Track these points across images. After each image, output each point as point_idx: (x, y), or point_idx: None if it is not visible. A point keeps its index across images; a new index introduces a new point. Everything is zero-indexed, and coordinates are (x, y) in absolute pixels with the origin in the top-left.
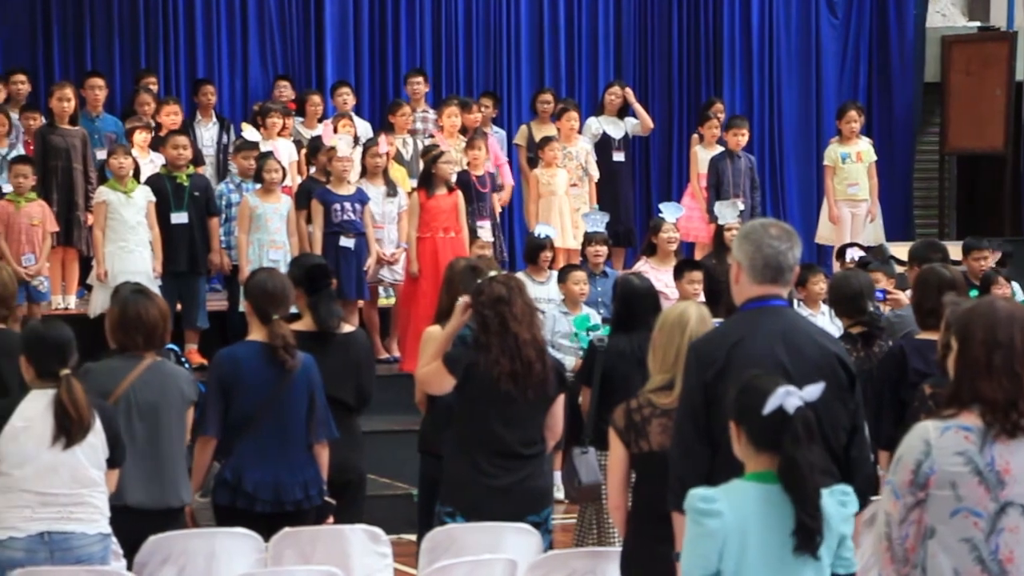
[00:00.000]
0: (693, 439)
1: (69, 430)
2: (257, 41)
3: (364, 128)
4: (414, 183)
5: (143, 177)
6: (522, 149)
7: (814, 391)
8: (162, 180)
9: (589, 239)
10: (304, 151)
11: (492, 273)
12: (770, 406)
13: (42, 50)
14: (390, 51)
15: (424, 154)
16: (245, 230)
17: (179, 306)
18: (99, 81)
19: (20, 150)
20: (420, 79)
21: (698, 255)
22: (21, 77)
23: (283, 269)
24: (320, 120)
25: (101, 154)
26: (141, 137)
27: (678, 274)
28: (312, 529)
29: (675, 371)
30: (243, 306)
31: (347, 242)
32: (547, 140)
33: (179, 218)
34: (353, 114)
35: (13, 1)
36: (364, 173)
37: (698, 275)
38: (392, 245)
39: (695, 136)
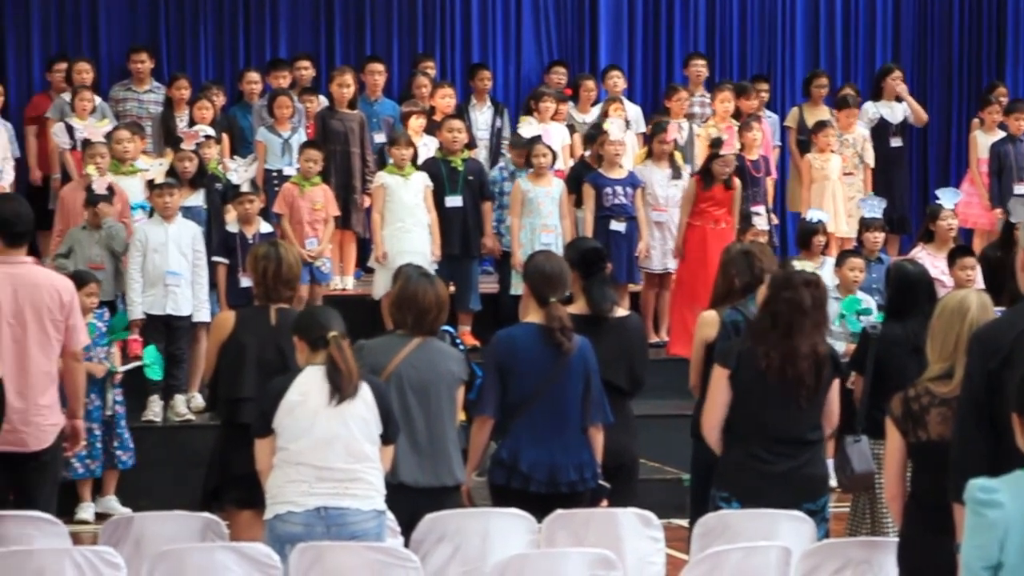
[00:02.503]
0: (974, 429)
1: (340, 386)
2: (531, 26)
3: (635, 112)
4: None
5: (418, 161)
6: (792, 131)
7: None
8: (437, 164)
9: (867, 225)
10: (576, 135)
11: (804, 267)
12: None
13: (324, 36)
14: (664, 35)
15: (710, 147)
16: (517, 214)
17: (452, 288)
18: (379, 66)
19: (302, 134)
20: (702, 62)
21: (976, 242)
22: (305, 63)
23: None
24: (593, 104)
25: (379, 138)
26: (417, 122)
27: (951, 260)
28: (585, 511)
29: (954, 359)
30: (516, 288)
31: (618, 226)
32: (822, 125)
33: (453, 201)
34: (624, 98)
35: None
36: (650, 155)
37: (971, 261)
38: (675, 229)
39: (975, 120)
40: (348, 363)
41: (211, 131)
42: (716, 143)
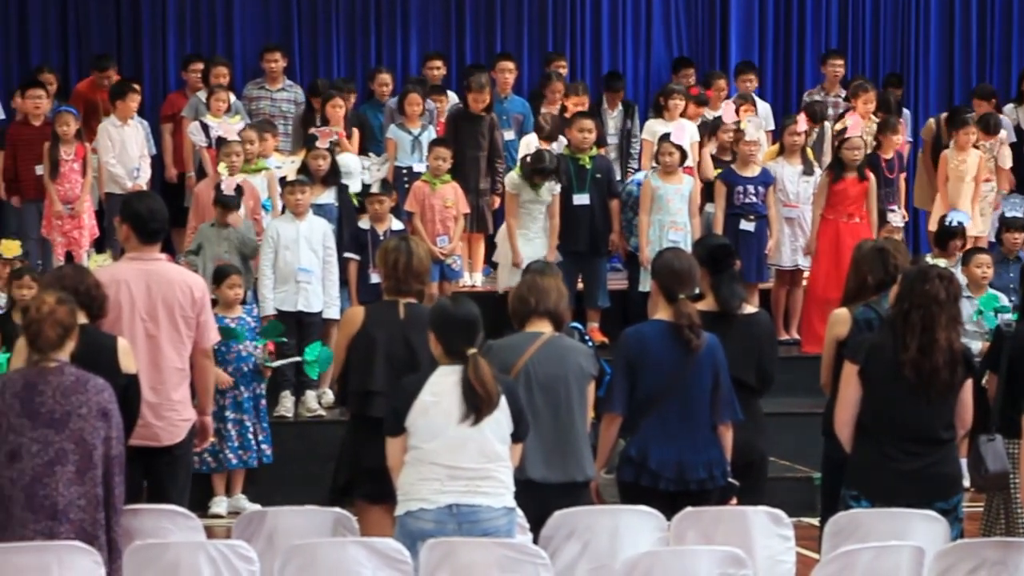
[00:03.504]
0: None
1: (478, 408)
2: (661, 25)
3: (765, 110)
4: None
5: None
6: (927, 144)
7: None
8: (565, 161)
9: (1007, 224)
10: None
11: (937, 262)
12: None
13: (455, 35)
14: (795, 33)
15: (836, 135)
16: (646, 210)
17: (580, 285)
18: (509, 64)
19: (432, 132)
20: (840, 61)
21: None
22: (437, 62)
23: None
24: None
25: (508, 135)
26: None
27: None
28: (715, 509)
29: None
30: (644, 285)
31: (747, 225)
32: (963, 122)
33: (581, 199)
34: (756, 96)
35: None
36: (781, 151)
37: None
38: (807, 225)
39: None
40: (486, 386)
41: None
42: (840, 132)
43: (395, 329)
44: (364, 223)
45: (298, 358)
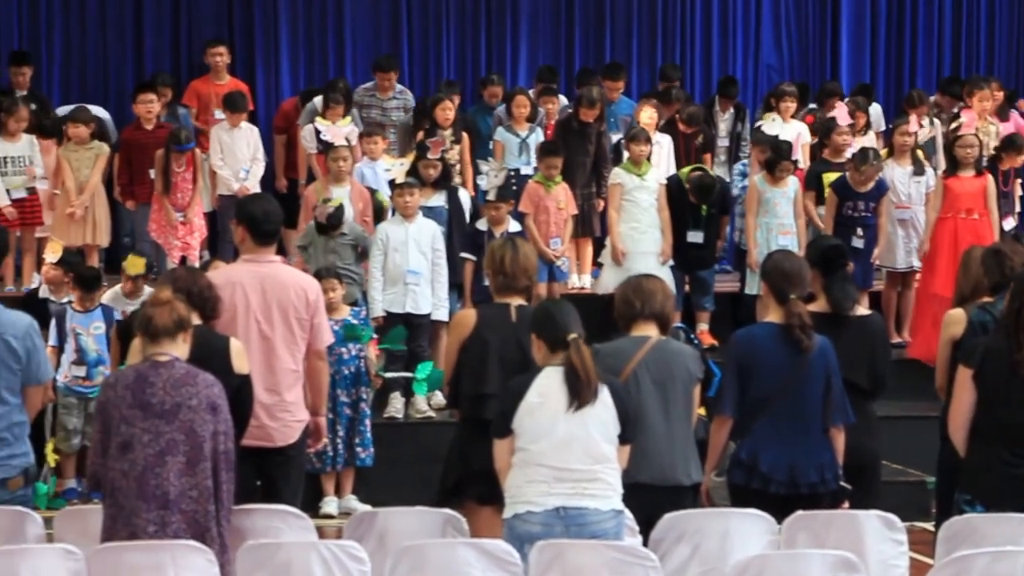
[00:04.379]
0: None
1: (579, 392)
2: (771, 36)
3: (876, 112)
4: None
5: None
6: None
7: None
8: (682, 192)
9: None
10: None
11: None
12: None
13: (564, 40)
14: (907, 52)
15: (949, 133)
16: (753, 213)
17: (688, 288)
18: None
19: (540, 134)
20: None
21: None
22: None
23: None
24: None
25: (616, 135)
26: (646, 115)
27: None
28: (826, 513)
29: None
30: (751, 288)
31: (857, 242)
32: None
33: (694, 238)
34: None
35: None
36: (891, 152)
37: None
38: (919, 226)
39: None
40: (587, 368)
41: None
42: (955, 128)
43: (507, 331)
44: (482, 224)
45: (409, 374)
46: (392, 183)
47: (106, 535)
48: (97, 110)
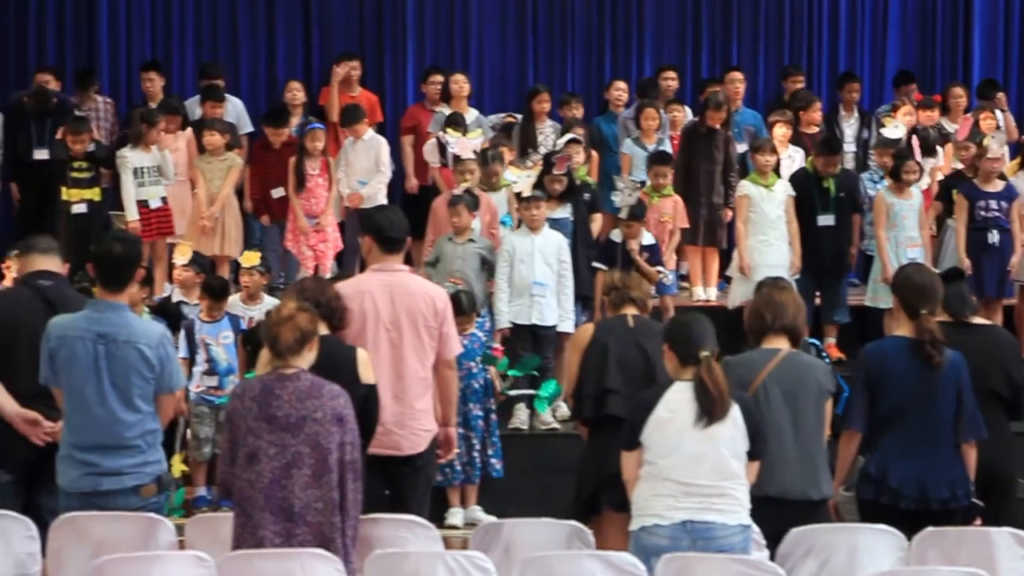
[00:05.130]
0: None
1: (710, 409)
2: (898, 33)
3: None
4: None
5: (783, 172)
6: None
7: None
8: (808, 180)
9: None
10: (948, 146)
11: None
12: None
13: (691, 47)
14: None
15: None
16: (882, 226)
17: (818, 300)
18: (738, 75)
19: (668, 146)
20: None
21: None
22: (671, 73)
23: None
24: (965, 112)
25: (741, 147)
26: (781, 131)
27: None
28: (957, 530)
29: None
30: (876, 301)
31: (992, 238)
32: None
33: (825, 220)
34: (999, 110)
35: (668, 2)
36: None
37: None
38: None
39: None
40: (719, 386)
41: (576, 136)
42: None
43: (625, 335)
44: (616, 236)
45: (532, 391)
46: (519, 196)
47: (235, 543)
48: (232, 101)
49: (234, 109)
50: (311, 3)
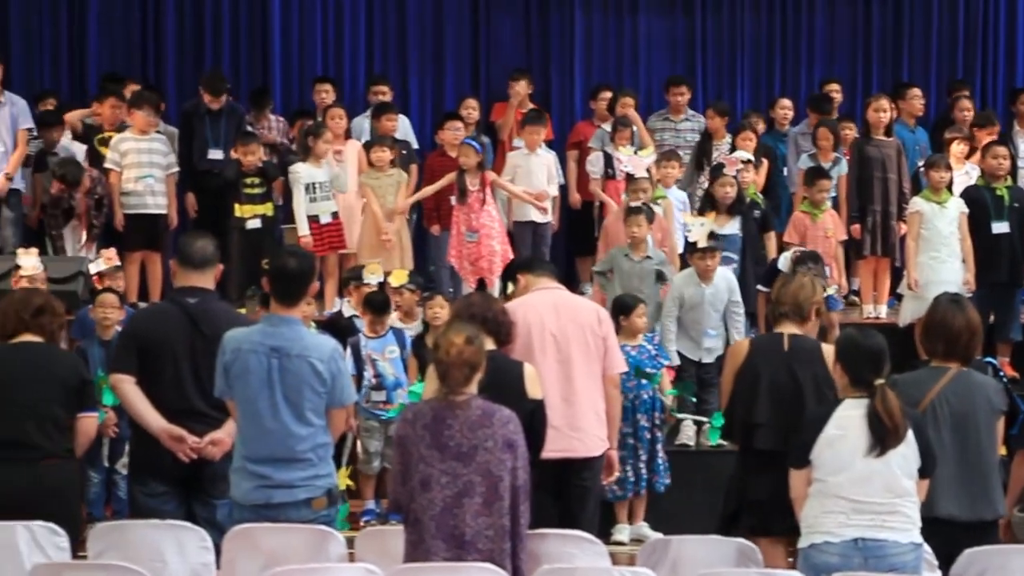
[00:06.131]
0: None
1: (884, 439)
2: None
3: None
4: None
5: (956, 188)
6: None
7: None
8: (979, 191)
9: None
10: None
11: None
12: None
13: (861, 61)
14: None
15: None
16: None
17: (992, 317)
18: (916, 91)
19: (843, 165)
20: None
21: None
22: (835, 86)
23: None
24: None
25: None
26: (958, 148)
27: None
28: None
29: None
30: None
31: None
32: None
33: (1000, 228)
34: None
35: (839, 17)
36: None
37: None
38: None
39: None
40: (894, 418)
41: (750, 156)
42: None
43: (779, 361)
44: (783, 263)
45: (703, 419)
46: (693, 245)
47: (407, 560)
48: (400, 118)
49: (402, 125)
50: (479, 19)
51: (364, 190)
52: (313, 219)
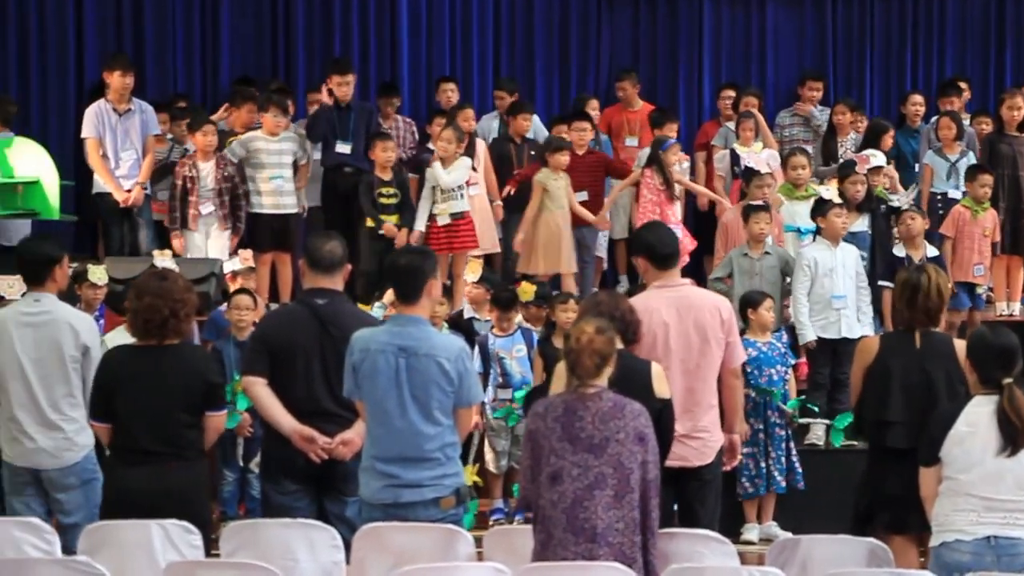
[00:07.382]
0: None
1: (1014, 439)
2: None
3: None
4: None
5: None
6: None
7: None
8: None
9: None
10: None
11: None
12: None
13: (994, 55)
14: None
15: None
16: None
17: None
18: None
19: (971, 158)
20: None
21: None
22: (963, 84)
23: None
24: None
25: None
26: None
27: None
28: None
29: None
30: None
31: None
32: None
33: None
34: None
35: (970, 10)
36: None
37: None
38: None
39: None
40: (1021, 415)
41: (883, 158)
42: None
43: (911, 358)
44: (899, 250)
45: (827, 421)
46: (826, 202)
47: (536, 558)
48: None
49: (534, 125)
50: (602, 22)
51: (538, 190)
52: (431, 218)
